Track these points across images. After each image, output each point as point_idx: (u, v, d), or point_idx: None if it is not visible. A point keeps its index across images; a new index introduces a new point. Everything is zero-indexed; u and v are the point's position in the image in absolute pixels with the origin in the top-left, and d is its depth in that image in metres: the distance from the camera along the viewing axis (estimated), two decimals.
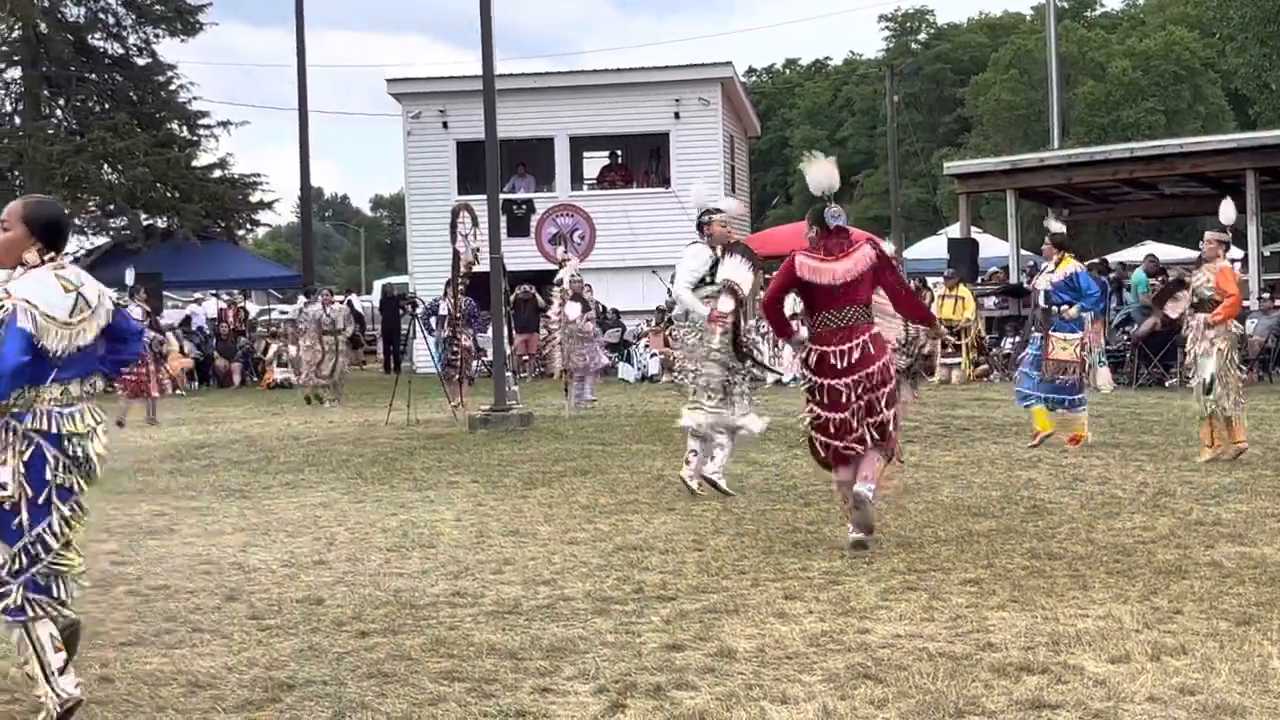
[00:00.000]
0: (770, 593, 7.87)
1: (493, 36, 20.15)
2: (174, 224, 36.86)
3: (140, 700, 6.09)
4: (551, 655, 6.63)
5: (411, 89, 37.45)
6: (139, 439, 18.82)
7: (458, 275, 21.82)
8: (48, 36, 35.73)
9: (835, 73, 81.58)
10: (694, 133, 36.00)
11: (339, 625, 7.37)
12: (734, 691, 5.97)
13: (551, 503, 11.68)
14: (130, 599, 8.21)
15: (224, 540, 10.25)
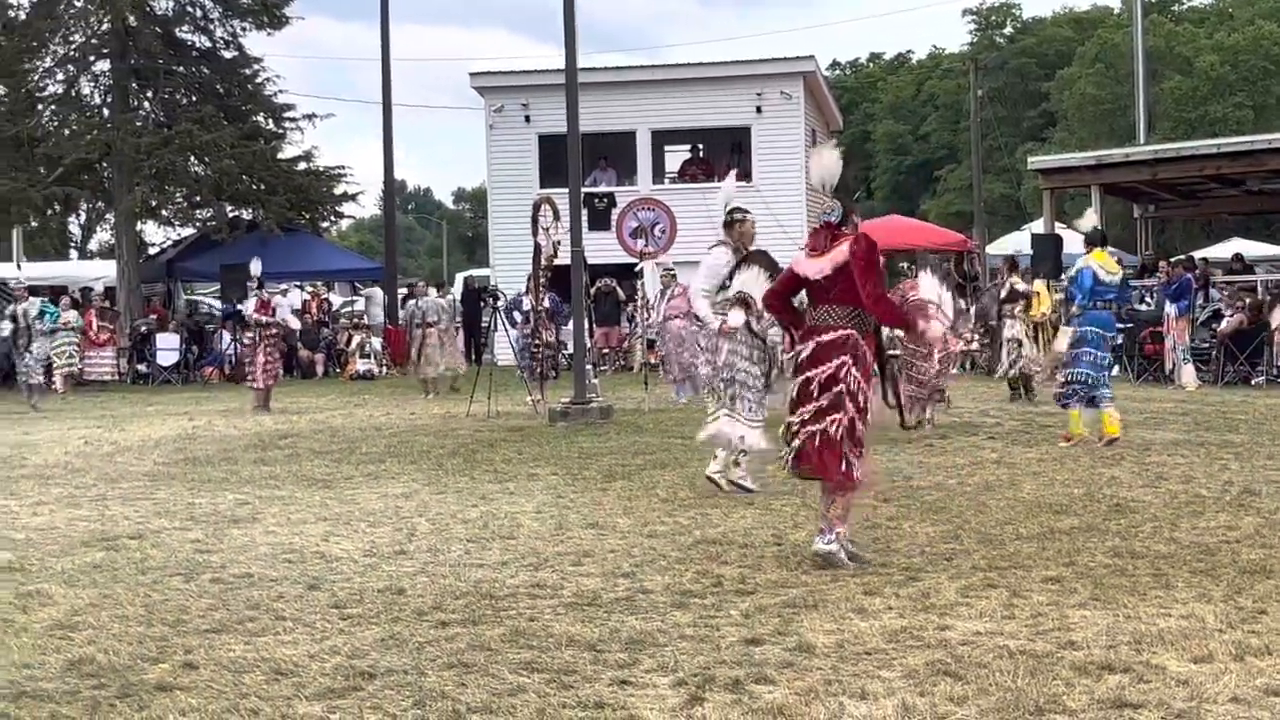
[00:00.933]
0: (849, 588, 7.85)
1: (576, 30, 20.19)
2: (259, 216, 37.11)
3: (223, 687, 6.15)
4: (630, 648, 6.65)
5: (494, 83, 37.64)
6: (224, 429, 18.99)
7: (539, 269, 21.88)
8: (137, 30, 36.07)
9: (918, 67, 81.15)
10: (776, 127, 35.95)
11: (420, 615, 7.42)
12: (813, 686, 5.96)
13: (631, 496, 11.70)
14: (214, 587, 8.30)
15: (307, 530, 10.34)
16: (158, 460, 15.25)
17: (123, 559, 9.24)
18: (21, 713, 5.81)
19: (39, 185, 35.50)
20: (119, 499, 12.22)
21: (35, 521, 11.02)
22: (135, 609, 7.69)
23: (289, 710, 5.80)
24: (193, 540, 9.95)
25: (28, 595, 8.09)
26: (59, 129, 37.16)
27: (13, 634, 7.15)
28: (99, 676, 6.35)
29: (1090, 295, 14.91)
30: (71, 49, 37.45)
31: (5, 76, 36.60)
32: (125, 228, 37.42)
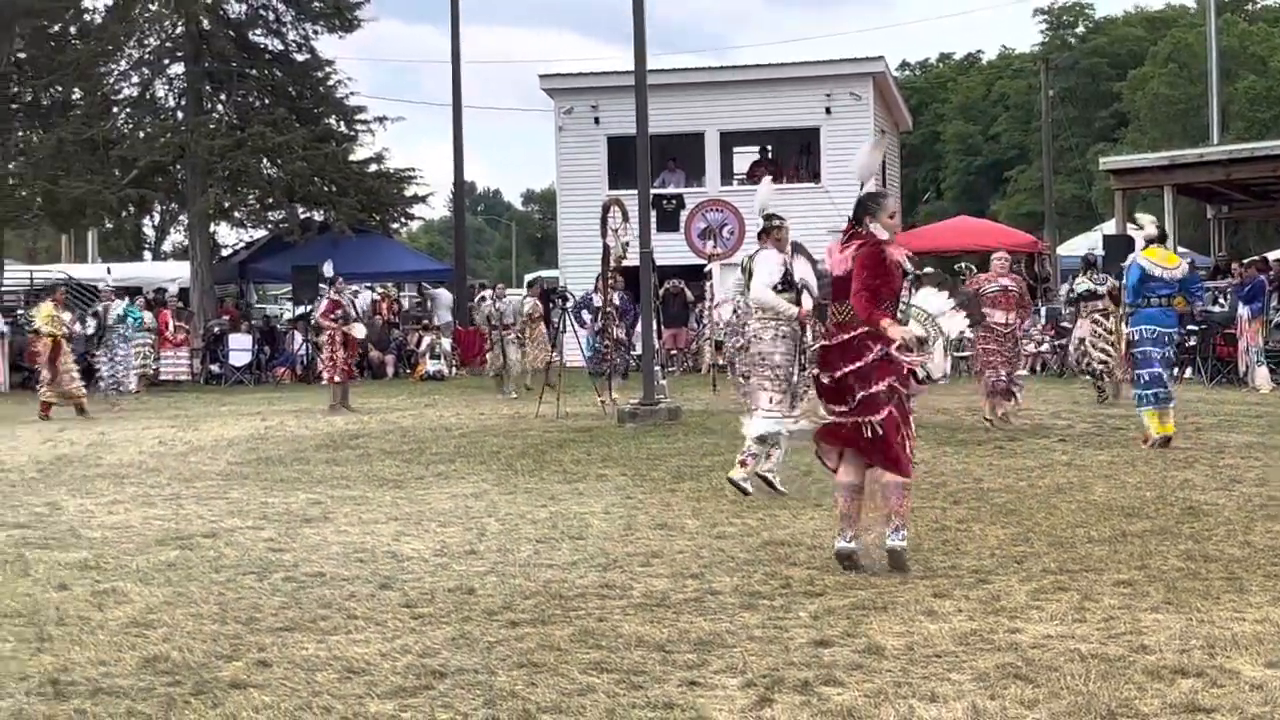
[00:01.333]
0: (919, 590, 7.83)
1: (645, 32, 20.22)
2: (330, 217, 37.34)
3: (296, 684, 6.21)
4: (700, 648, 6.66)
5: (564, 84, 37.72)
6: (296, 429, 19.13)
7: (608, 270, 21.94)
8: (210, 33, 36.37)
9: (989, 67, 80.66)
10: (845, 128, 35.82)
11: (490, 615, 7.46)
12: (882, 689, 5.96)
13: (700, 497, 11.71)
14: (287, 585, 8.37)
15: (378, 529, 10.41)
16: (231, 460, 15.39)
17: (197, 557, 9.34)
18: (98, 709, 5.89)
19: (114, 187, 35.84)
20: (193, 498, 12.34)
21: (111, 520, 11.15)
22: (209, 607, 7.77)
23: (361, 708, 5.85)
24: (266, 539, 10.04)
25: (104, 593, 8.19)
26: (134, 132, 37.55)
27: (89, 631, 7.24)
28: (174, 674, 6.42)
29: (1138, 292, 14.81)
30: (146, 52, 37.82)
31: (81, 80, 36.99)
32: (199, 229, 37.75)
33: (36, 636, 7.14)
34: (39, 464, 15.31)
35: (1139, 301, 14.85)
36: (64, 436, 18.61)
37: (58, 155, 35.12)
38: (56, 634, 7.18)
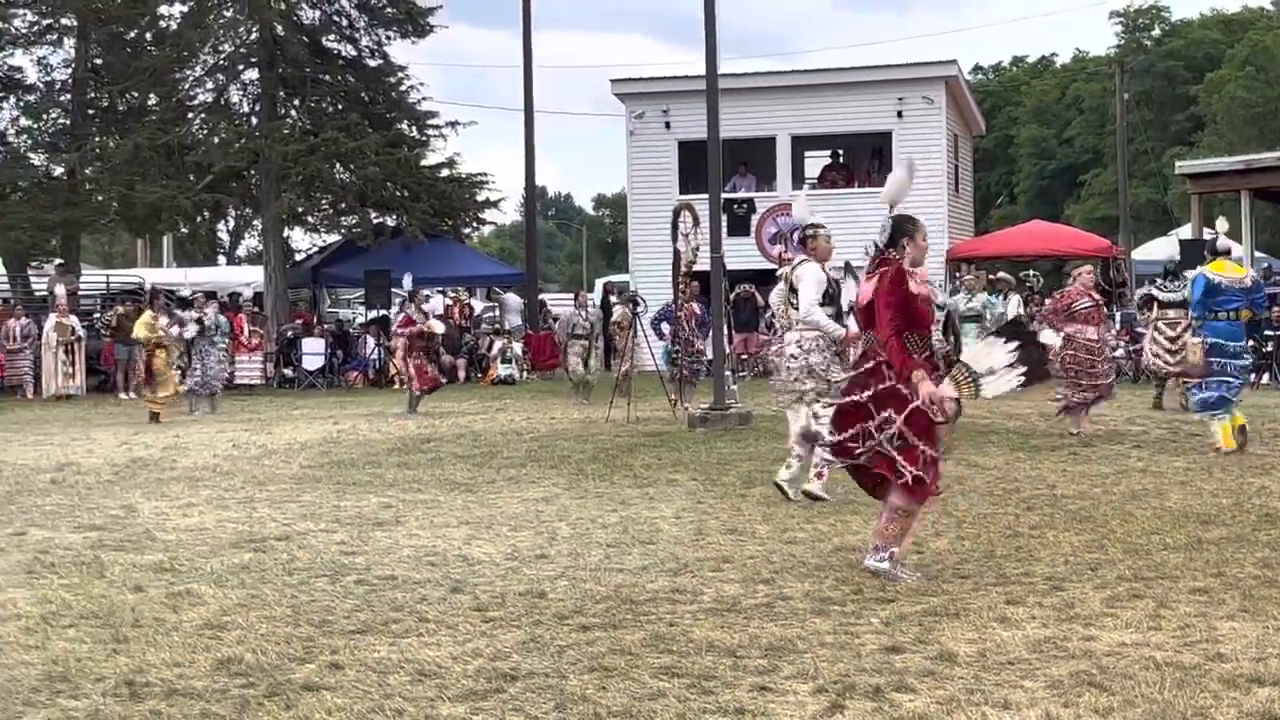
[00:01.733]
0: (991, 597, 7.78)
1: (716, 37, 20.22)
2: (403, 222, 37.53)
3: (368, 687, 6.24)
4: (770, 654, 6.65)
5: (635, 89, 37.78)
6: (368, 433, 19.23)
7: (678, 274, 21.93)
8: (284, 39, 36.61)
9: (1063, 70, 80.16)
10: (917, 132, 35.70)
11: (560, 619, 7.47)
12: (954, 695, 5.92)
13: (770, 502, 11.68)
14: (359, 588, 8.42)
15: (449, 533, 10.45)
16: (304, 463, 15.49)
17: (270, 560, 9.41)
18: (173, 710, 5.94)
19: (189, 192, 36.15)
20: (266, 501, 12.43)
21: (185, 523, 11.25)
22: (282, 609, 7.83)
23: (433, 711, 5.88)
24: (338, 542, 10.10)
25: (178, 595, 8.26)
26: (209, 137, 37.85)
27: (164, 633, 7.30)
28: (247, 675, 6.47)
29: (1205, 305, 14.69)
30: (221, 59, 38.14)
31: (157, 86, 37.35)
32: (272, 234, 38.03)
33: (112, 638, 7.21)
34: (114, 467, 15.46)
35: (1206, 314, 14.73)
36: (139, 440, 18.79)
37: (134, 160, 35.47)
38: (132, 635, 7.25)
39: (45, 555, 9.74)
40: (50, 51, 38.71)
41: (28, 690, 6.29)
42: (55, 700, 6.14)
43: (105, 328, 32.50)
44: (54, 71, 38.75)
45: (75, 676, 6.49)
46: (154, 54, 37.16)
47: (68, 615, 7.76)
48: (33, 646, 7.06)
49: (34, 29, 38.14)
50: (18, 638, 7.25)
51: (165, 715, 5.87)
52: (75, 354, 30.24)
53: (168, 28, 38.40)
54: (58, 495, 13.09)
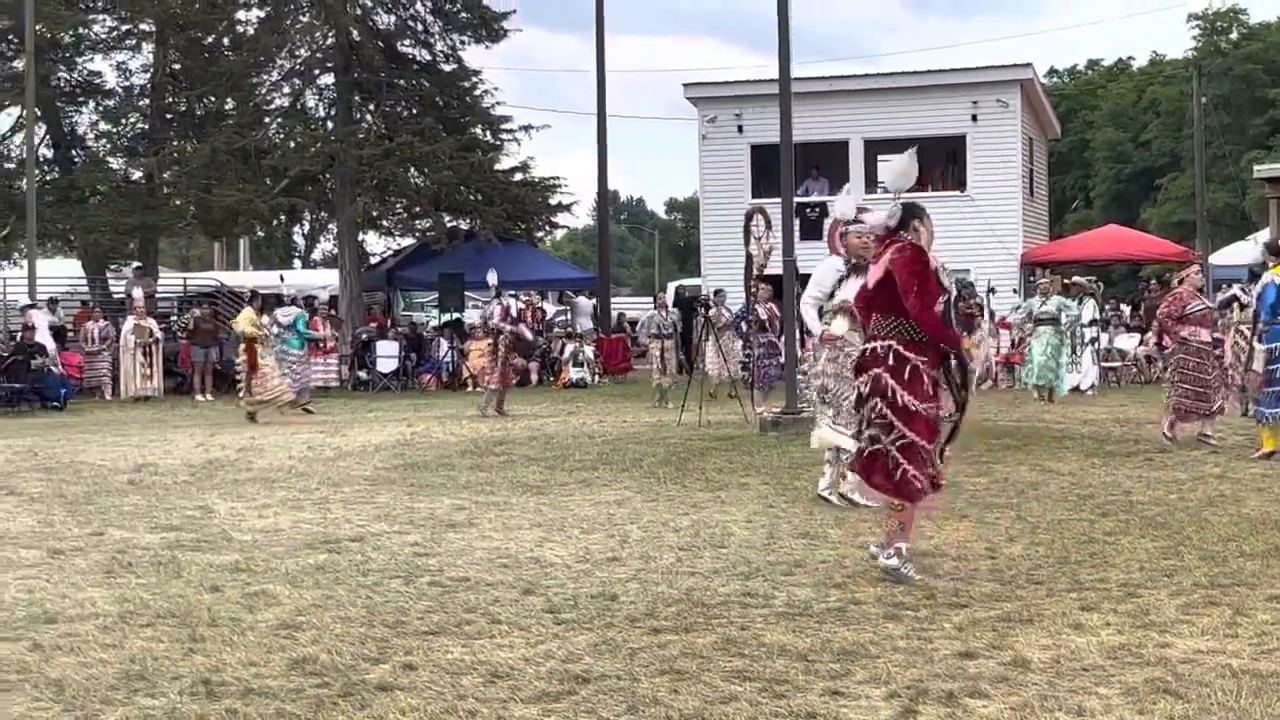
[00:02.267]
0: (1066, 603, 7.74)
1: (790, 41, 20.19)
2: (476, 226, 37.70)
3: (441, 688, 6.28)
4: (843, 658, 6.63)
5: (708, 93, 37.76)
6: (441, 435, 19.32)
7: (750, 278, 21.92)
8: (360, 44, 36.87)
9: (1139, 73, 79.44)
10: (992, 135, 35.51)
11: (632, 621, 7.48)
12: (1028, 701, 5.89)
13: (843, 506, 11.64)
14: (432, 590, 8.46)
15: (521, 535, 10.48)
16: (378, 465, 15.57)
17: (344, 561, 9.47)
18: (249, 709, 5.99)
19: (265, 196, 36.45)
20: (340, 502, 12.51)
21: (260, 524, 11.34)
22: (357, 610, 7.88)
23: (505, 712, 5.90)
24: (412, 544, 10.16)
25: (254, 595, 8.33)
26: (285, 141, 38.17)
27: (239, 632, 7.37)
28: (322, 675, 6.52)
29: (1275, 310, 14.52)
30: (297, 63, 38.46)
31: (234, 90, 37.68)
32: (347, 237, 38.30)
33: (189, 637, 7.28)
34: (191, 468, 15.61)
35: (1271, 319, 14.58)
36: (215, 441, 18.95)
37: (211, 164, 35.80)
38: (208, 635, 7.32)
39: (123, 555, 9.85)
40: (129, 56, 39.29)
41: (105, 688, 6.37)
42: (133, 698, 6.21)
43: (182, 330, 32.82)
44: (133, 76, 39.30)
45: (152, 675, 6.56)
46: (231, 59, 37.52)
47: (145, 614, 7.85)
48: (111, 645, 7.14)
49: (113, 34, 38.61)
50: (96, 636, 7.33)
51: (241, 714, 5.93)
52: (153, 356, 30.54)
53: (245, 33, 38.77)
54: (135, 496, 13.23)
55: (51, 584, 8.83)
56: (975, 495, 12.04)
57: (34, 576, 9.09)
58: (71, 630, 7.48)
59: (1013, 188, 35.63)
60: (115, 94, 39.20)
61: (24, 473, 15.34)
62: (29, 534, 10.94)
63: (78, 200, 37.33)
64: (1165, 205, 64.49)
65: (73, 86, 39.12)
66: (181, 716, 5.91)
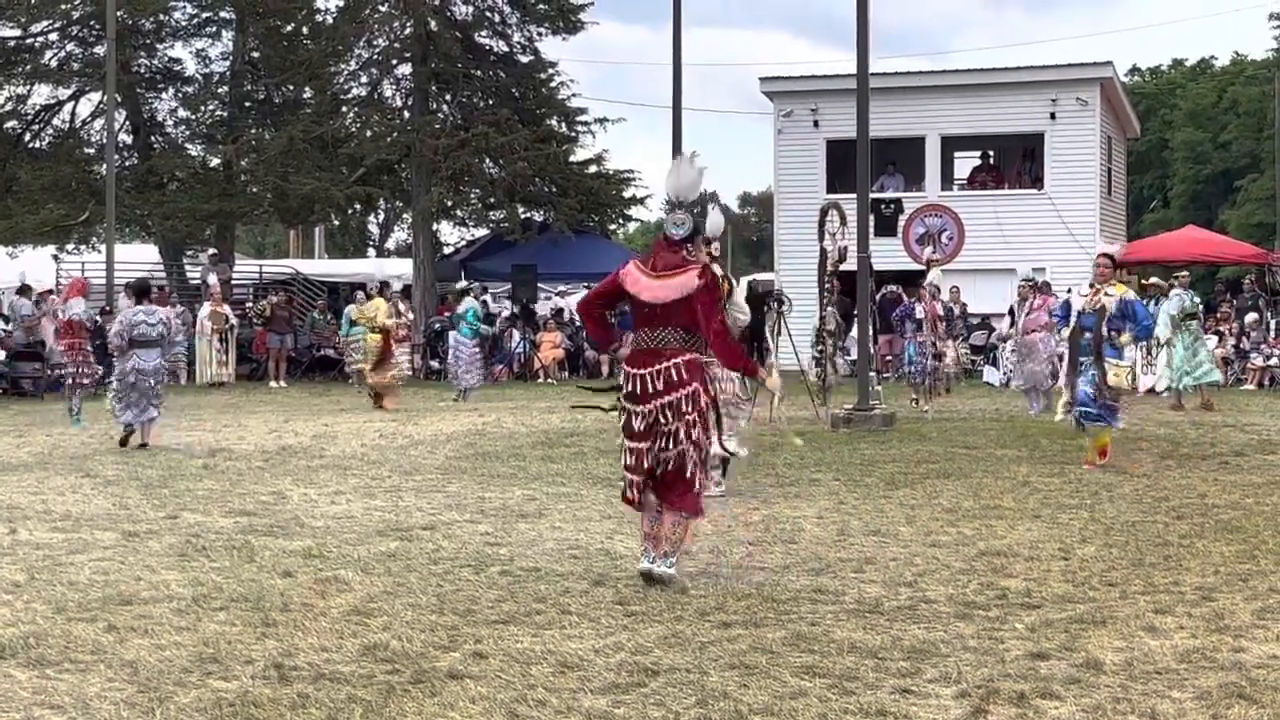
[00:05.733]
0: (1139, 606, 7.67)
1: (869, 36, 20.10)
2: (550, 217, 37.76)
3: (511, 677, 6.30)
4: (913, 656, 6.61)
5: (784, 87, 37.64)
6: (512, 426, 19.37)
7: (825, 274, 21.83)
8: (437, 34, 36.97)
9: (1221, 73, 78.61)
10: (1070, 134, 35.22)
11: (702, 615, 7.48)
12: (1100, 704, 5.85)
13: (914, 504, 11.61)
14: (503, 579, 8.49)
15: (591, 527, 10.50)
16: (449, 454, 15.64)
17: (416, 549, 9.52)
18: (320, 694, 6.03)
19: (341, 185, 36.65)
20: (412, 491, 12.58)
21: (333, 510, 11.42)
22: (427, 598, 7.92)
23: (575, 703, 5.91)
24: (482, 533, 10.20)
25: (326, 581, 8.39)
26: (361, 130, 38.37)
27: (311, 618, 7.42)
28: (393, 662, 6.55)
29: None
30: (375, 53, 38.60)
31: (312, 79, 37.93)
32: (422, 227, 38.45)
33: (262, 621, 7.34)
34: (265, 454, 15.73)
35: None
36: (289, 428, 19.09)
37: (288, 153, 36.02)
38: (280, 619, 7.38)
39: (197, 539, 9.95)
40: (209, 44, 39.70)
41: (179, 670, 6.43)
42: (206, 681, 6.27)
43: (258, 317, 33.06)
44: (212, 64, 39.72)
45: (225, 658, 6.62)
46: (310, 48, 37.75)
47: (219, 598, 7.92)
48: (184, 628, 7.21)
49: (194, 21, 39.03)
50: (170, 619, 7.41)
51: (312, 698, 5.97)
52: (228, 342, 30.78)
53: (324, 22, 39.00)
54: (209, 481, 13.35)
55: (126, 566, 8.93)
56: (1049, 496, 11.96)
57: (109, 559, 9.20)
58: (146, 612, 7.56)
59: (1090, 187, 35.34)
60: (195, 81, 39.60)
61: (100, 456, 15.51)
62: (105, 516, 11.07)
63: (156, 186, 37.72)
64: (1244, 207, 63.77)
65: (153, 73, 39.52)
66: (254, 699, 5.96)
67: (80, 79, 38.19)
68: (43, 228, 36.66)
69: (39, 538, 10.01)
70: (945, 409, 21.37)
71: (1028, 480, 13.04)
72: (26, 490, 12.61)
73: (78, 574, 8.64)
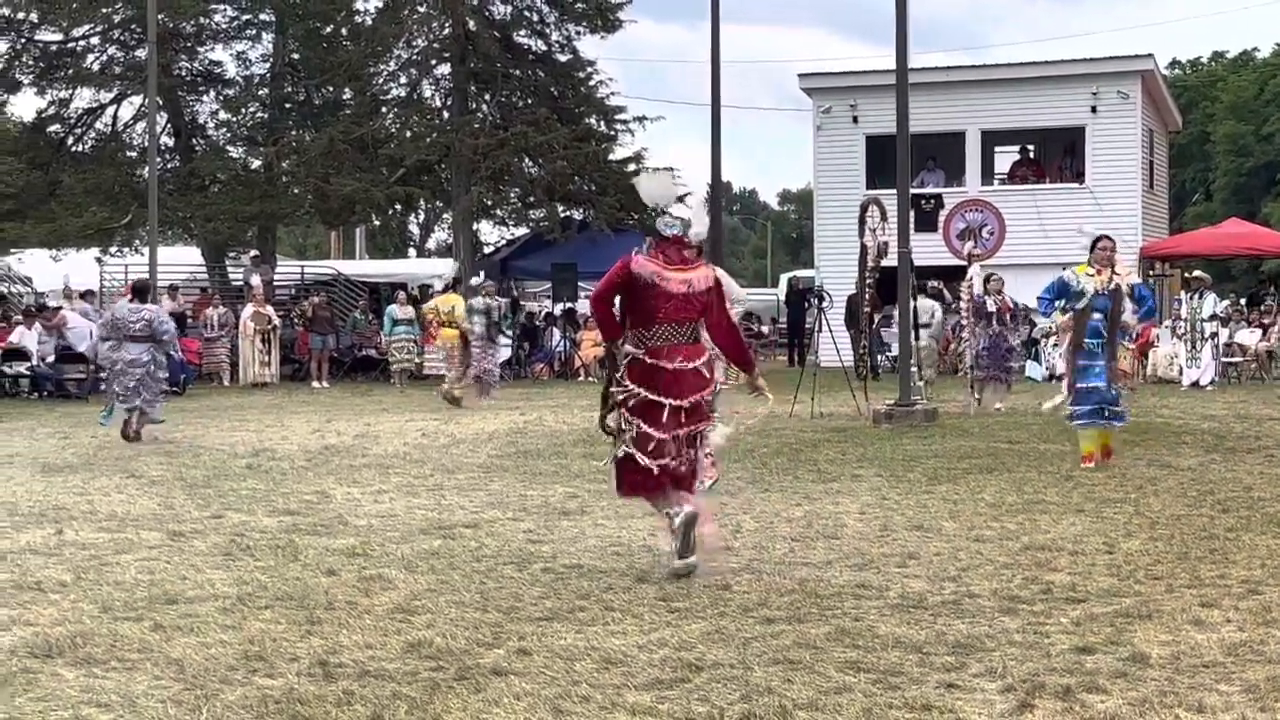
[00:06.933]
0: (1185, 599, 7.63)
1: (908, 31, 20.04)
2: (590, 216, 37.77)
3: (555, 673, 6.30)
4: (957, 651, 6.59)
5: (822, 83, 37.60)
6: (554, 424, 19.40)
7: (865, 270, 21.80)
8: (476, 34, 37.01)
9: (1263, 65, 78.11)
10: (1111, 127, 35.06)
11: (745, 611, 7.47)
12: (1147, 697, 5.82)
13: (957, 499, 11.58)
14: (546, 576, 8.51)
15: (633, 524, 10.50)
16: (491, 453, 15.67)
17: (459, 547, 9.54)
18: (365, 691, 6.05)
19: (381, 185, 36.74)
20: (455, 489, 12.61)
21: (376, 509, 11.45)
22: (471, 595, 7.93)
23: (619, 698, 5.92)
24: (525, 530, 10.22)
25: (370, 579, 8.42)
26: (401, 131, 38.43)
27: (356, 615, 7.44)
28: (437, 659, 6.57)
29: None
30: (414, 53, 38.67)
31: (352, 80, 38.04)
32: (462, 227, 38.53)
33: (306, 619, 7.37)
34: (308, 453, 15.79)
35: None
36: (331, 427, 19.16)
37: (329, 154, 36.13)
38: (325, 617, 7.41)
39: (241, 538, 9.99)
40: (249, 46, 39.82)
41: (225, 668, 6.46)
42: (251, 679, 6.29)
43: (300, 318, 33.18)
44: (252, 66, 39.83)
45: (271, 656, 6.65)
46: (349, 49, 37.83)
47: (263, 596, 7.95)
48: (230, 626, 7.24)
49: (234, 24, 39.17)
50: (215, 617, 7.44)
51: (357, 695, 5.99)
52: (271, 343, 30.92)
53: (363, 23, 39.05)
54: (253, 480, 13.41)
55: (171, 565, 8.97)
56: (1092, 490, 11.90)
57: (154, 558, 9.25)
58: (191, 611, 7.60)
59: (1132, 180, 35.18)
60: (235, 83, 39.73)
61: (144, 456, 15.59)
62: (150, 516, 11.13)
63: (198, 188, 37.88)
64: None
65: (194, 76, 39.67)
66: (299, 697, 5.98)
67: (122, 82, 38.40)
68: (86, 231, 36.84)
69: (85, 538, 10.07)
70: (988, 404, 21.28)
71: (1071, 475, 12.98)
72: (72, 491, 12.69)
73: (124, 573, 8.69)
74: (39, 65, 38.52)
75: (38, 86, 38.66)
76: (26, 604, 7.81)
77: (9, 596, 8.02)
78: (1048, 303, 14.14)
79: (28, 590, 8.19)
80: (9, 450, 16.41)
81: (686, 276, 8.66)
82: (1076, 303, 13.68)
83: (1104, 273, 13.72)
